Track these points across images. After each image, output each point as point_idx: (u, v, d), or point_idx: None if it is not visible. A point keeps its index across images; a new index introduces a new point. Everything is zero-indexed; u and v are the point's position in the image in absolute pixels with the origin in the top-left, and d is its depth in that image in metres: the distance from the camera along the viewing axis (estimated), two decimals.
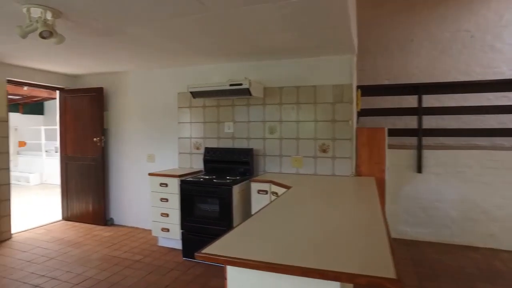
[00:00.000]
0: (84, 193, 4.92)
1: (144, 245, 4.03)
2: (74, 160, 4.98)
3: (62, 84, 4.98)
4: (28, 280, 3.15)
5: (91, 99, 4.82)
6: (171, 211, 3.78)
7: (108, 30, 2.80)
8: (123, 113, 4.79)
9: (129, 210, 4.80)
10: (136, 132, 4.70)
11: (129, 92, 4.74)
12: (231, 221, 3.35)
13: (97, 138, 4.75)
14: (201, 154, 4.21)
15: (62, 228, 4.74)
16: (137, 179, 4.70)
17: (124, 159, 4.80)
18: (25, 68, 4.41)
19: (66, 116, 5.05)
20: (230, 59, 3.88)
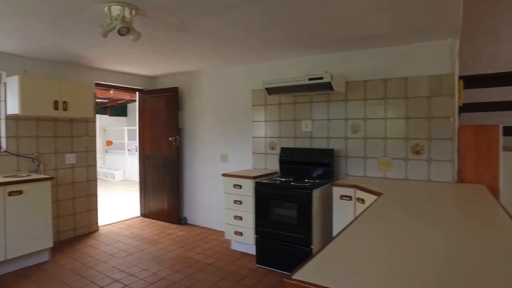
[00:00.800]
0: (160, 191, 5.03)
1: (216, 248, 3.92)
2: (151, 159, 5.13)
3: (141, 86, 5.16)
4: (110, 273, 3.22)
5: (166, 99, 4.91)
6: (244, 214, 3.61)
7: (182, 25, 2.71)
8: (196, 112, 4.79)
9: (202, 210, 4.78)
10: (209, 132, 4.65)
11: (202, 91, 4.71)
12: (310, 229, 3.04)
13: (172, 138, 4.81)
14: (277, 154, 3.97)
15: (140, 224, 4.90)
16: (210, 179, 4.64)
17: (197, 158, 4.80)
18: (109, 71, 4.64)
19: (144, 116, 5.23)
20: (307, 52, 3.58)
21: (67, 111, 3.79)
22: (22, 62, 3.75)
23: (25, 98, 3.45)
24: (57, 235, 4.06)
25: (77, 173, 4.29)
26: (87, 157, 4.41)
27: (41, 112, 3.58)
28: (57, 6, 2.34)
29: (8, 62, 3.66)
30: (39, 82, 3.57)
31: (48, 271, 3.28)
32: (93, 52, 3.61)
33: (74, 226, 4.27)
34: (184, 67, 4.46)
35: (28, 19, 2.59)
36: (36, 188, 3.34)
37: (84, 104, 3.96)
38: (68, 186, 4.20)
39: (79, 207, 4.32)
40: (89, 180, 4.44)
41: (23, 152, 3.78)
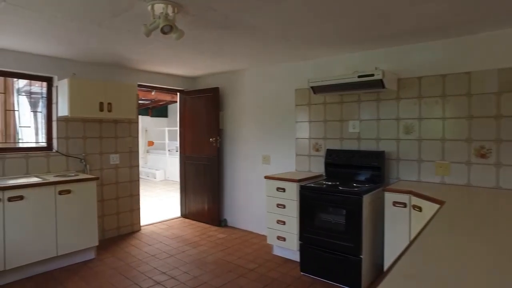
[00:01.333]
0: (200, 193, 5.01)
1: (258, 252, 3.80)
2: (191, 159, 5.13)
3: (182, 86, 5.17)
4: (151, 275, 3.20)
5: (207, 100, 4.87)
6: (288, 218, 3.45)
7: (225, 22, 2.61)
8: (237, 112, 4.70)
9: (243, 212, 4.68)
10: (250, 132, 4.55)
11: (243, 91, 4.62)
12: (359, 237, 2.82)
13: (213, 138, 4.76)
14: (321, 156, 3.77)
15: (181, 225, 4.90)
16: (251, 181, 4.53)
17: (238, 159, 4.71)
18: (151, 72, 4.69)
19: (185, 117, 5.24)
20: (355, 47, 3.35)
21: (112, 112, 3.85)
22: (71, 66, 3.87)
23: (74, 100, 3.54)
24: (102, 233, 4.14)
25: (120, 173, 4.36)
26: (130, 157, 4.48)
27: (88, 114, 3.66)
28: (103, 8, 2.33)
29: (59, 66, 3.78)
30: (86, 84, 3.65)
31: (95, 269, 3.33)
32: (136, 54, 3.63)
33: (117, 225, 4.35)
34: (225, 66, 4.40)
35: (76, 23, 2.62)
36: (83, 188, 3.41)
37: (127, 105, 4.01)
38: (112, 186, 4.28)
39: (122, 206, 4.39)
40: (132, 180, 4.51)
41: (71, 153, 3.89)
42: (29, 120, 3.97)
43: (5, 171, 3.43)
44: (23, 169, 3.54)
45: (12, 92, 4.11)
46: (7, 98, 4.08)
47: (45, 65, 3.70)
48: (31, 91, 3.92)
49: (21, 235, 3.00)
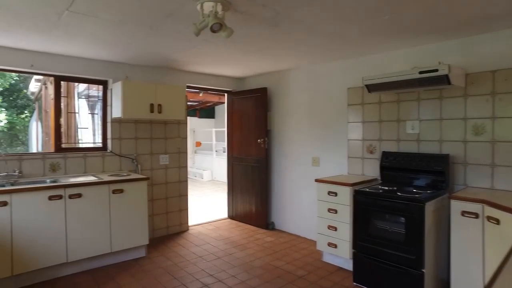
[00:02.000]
0: (248, 194, 4.95)
1: (307, 258, 3.64)
2: (239, 160, 5.09)
3: (230, 87, 5.16)
4: (199, 276, 3.19)
5: (255, 100, 4.81)
6: (340, 224, 3.26)
7: (275, 18, 2.51)
8: (286, 113, 4.58)
9: (291, 215, 4.54)
10: (299, 133, 4.40)
11: (292, 91, 4.48)
12: (421, 249, 2.55)
13: (261, 140, 4.68)
14: (376, 159, 3.52)
15: (228, 226, 4.88)
16: (300, 184, 4.38)
17: (286, 161, 4.58)
18: (199, 73, 4.72)
19: (232, 118, 5.22)
20: (415, 41, 3.07)
21: (161, 114, 3.91)
22: (125, 69, 4.01)
23: (126, 102, 3.64)
24: (152, 232, 4.24)
25: (170, 173, 4.44)
26: (179, 158, 4.54)
27: (139, 115, 3.76)
28: (154, 9, 2.34)
29: (114, 69, 3.93)
30: (138, 86, 3.75)
31: (144, 267, 3.39)
32: (185, 55, 3.65)
33: (166, 225, 4.43)
34: (273, 66, 4.30)
35: (129, 26, 2.67)
36: (135, 188, 3.49)
37: (176, 106, 4.06)
38: (162, 186, 4.37)
39: (171, 206, 4.47)
40: (181, 180, 4.57)
41: (124, 153, 4.02)
42: (88, 121, 4.18)
43: (67, 169, 3.62)
44: (82, 168, 3.72)
45: (73, 96, 4.36)
46: (69, 101, 4.34)
47: (101, 69, 3.86)
48: (89, 94, 4.13)
49: (79, 231, 3.13)
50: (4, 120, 7.36)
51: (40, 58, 3.46)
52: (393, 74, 2.94)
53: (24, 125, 7.70)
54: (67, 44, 3.19)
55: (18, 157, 3.37)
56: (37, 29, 2.76)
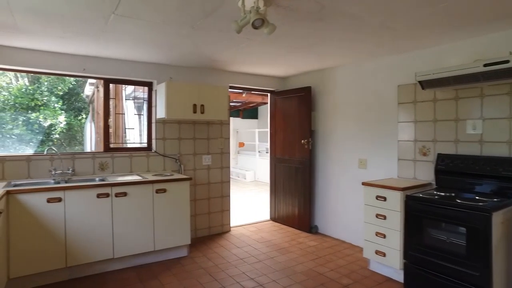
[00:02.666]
0: (291, 196, 4.83)
1: (352, 266, 3.44)
2: (282, 162, 4.98)
3: (273, 87, 5.07)
4: (239, 279, 3.13)
5: (298, 100, 4.67)
6: (389, 232, 3.02)
7: (320, 12, 2.37)
8: (330, 113, 4.39)
9: (335, 219, 4.35)
10: (345, 134, 4.19)
11: (337, 89, 4.29)
12: (487, 265, 2.26)
13: (304, 140, 4.54)
14: (430, 162, 3.23)
15: (270, 229, 4.79)
16: (345, 186, 4.17)
17: (331, 163, 4.39)
18: (242, 73, 4.69)
19: (275, 118, 5.13)
20: (477, 31, 2.76)
21: (204, 114, 3.92)
22: (168, 71, 4.08)
23: (170, 103, 3.70)
24: (194, 232, 4.28)
25: (212, 174, 4.45)
26: (221, 158, 4.54)
27: (182, 116, 3.79)
28: (195, 8, 2.32)
29: (158, 71, 4.02)
30: (181, 87, 3.78)
31: (186, 267, 3.40)
32: (227, 55, 3.63)
33: (208, 225, 4.44)
34: (318, 64, 4.14)
35: (172, 27, 2.69)
36: (177, 187, 3.52)
37: (219, 107, 4.05)
38: (204, 186, 4.39)
39: (213, 207, 4.48)
40: (223, 181, 4.56)
41: (168, 153, 4.09)
42: (134, 122, 4.32)
43: (114, 168, 3.76)
44: (128, 167, 3.84)
45: (121, 98, 4.53)
46: (117, 103, 4.51)
47: (146, 71, 3.96)
48: (135, 96, 4.27)
49: (125, 229, 3.22)
50: (64, 122, 7.89)
51: (91, 62, 3.62)
52: (452, 68, 2.66)
53: (80, 126, 8.22)
54: (114, 48, 3.30)
55: (71, 156, 3.56)
56: (87, 34, 2.88)
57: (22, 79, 7.98)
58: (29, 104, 7.96)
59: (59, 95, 7.12)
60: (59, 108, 7.30)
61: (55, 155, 3.43)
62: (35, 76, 8.35)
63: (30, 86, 7.77)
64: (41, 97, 8.02)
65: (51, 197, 2.88)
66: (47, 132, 8.10)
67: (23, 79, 8.04)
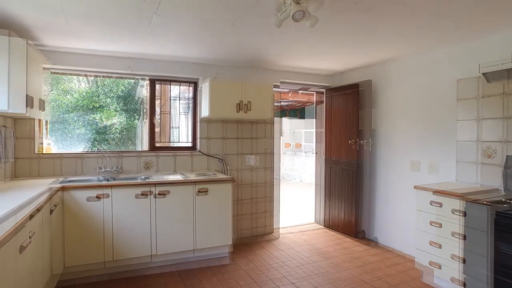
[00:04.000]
0: (337, 199, 4.61)
1: (402, 276, 3.17)
2: (330, 163, 4.78)
3: (325, 83, 4.88)
4: (280, 283, 3.03)
5: (346, 98, 4.45)
6: (445, 241, 2.73)
7: (367, 1, 2.19)
8: (381, 110, 4.12)
9: (384, 225, 4.06)
10: (396, 133, 3.90)
11: (388, 85, 4.01)
12: None
13: (351, 140, 4.31)
14: (496, 165, 2.86)
15: (314, 232, 4.62)
16: (396, 190, 3.88)
17: (380, 164, 4.12)
18: (287, 72, 4.57)
19: (322, 117, 4.94)
20: None
21: (248, 113, 3.88)
22: (213, 69, 4.10)
23: (214, 101, 3.70)
24: (237, 233, 4.25)
25: (256, 174, 4.39)
26: (266, 159, 4.46)
27: (226, 115, 3.78)
28: (234, 4, 2.27)
29: (202, 70, 4.06)
30: (225, 85, 3.78)
31: (226, 267, 3.38)
32: (270, 50, 3.54)
33: (251, 226, 4.39)
34: (366, 59, 3.90)
35: (212, 24, 2.67)
36: (219, 188, 3.51)
37: (263, 105, 3.98)
38: (248, 187, 4.35)
39: (257, 208, 4.42)
40: (267, 182, 4.48)
41: (212, 153, 4.11)
42: (180, 122, 4.40)
43: (159, 167, 3.86)
44: (171, 166, 3.92)
45: (168, 97, 4.65)
46: (164, 102, 4.65)
47: (191, 70, 4.02)
48: (183, 96, 4.35)
49: (167, 227, 3.27)
50: (118, 123, 8.33)
51: (137, 61, 3.76)
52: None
53: (134, 126, 8.63)
54: (158, 47, 3.38)
55: (118, 154, 3.71)
56: (133, 36, 2.97)
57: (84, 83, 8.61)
58: (89, 106, 8.49)
59: (114, 97, 7.55)
60: (113, 109, 7.74)
61: (105, 154, 3.60)
62: (94, 80, 8.87)
63: (89, 90, 8.33)
64: (98, 99, 8.54)
65: (99, 193, 3.00)
66: (103, 132, 8.62)
67: (85, 83, 8.69)
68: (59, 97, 6.35)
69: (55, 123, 5.38)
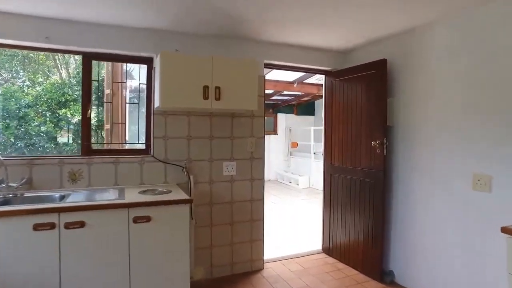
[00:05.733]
0: (353, 222, 3.30)
1: None
2: (340, 172, 3.47)
3: (327, 65, 3.56)
4: None
5: (367, 81, 3.12)
6: None
7: None
8: (417, 99, 2.78)
9: (424, 266, 2.72)
10: (444, 131, 2.56)
11: (426, 63, 2.66)
12: None
13: (376, 142, 2.99)
14: None
15: (321, 268, 3.31)
16: (446, 217, 2.54)
17: (418, 176, 2.78)
18: (281, 45, 3.27)
19: (332, 109, 3.62)
20: None
21: (221, 101, 2.61)
22: (175, 40, 2.86)
23: (167, 84, 2.46)
24: (209, 271, 3.00)
25: (238, 188, 3.13)
26: (252, 166, 3.19)
27: (186, 103, 2.53)
28: None
29: (160, 41, 2.81)
30: (184, 61, 2.52)
31: None
32: (256, 11, 2.27)
33: (231, 261, 3.12)
34: (394, 23, 2.57)
35: None
36: (170, 213, 2.26)
37: (245, 90, 2.71)
38: (225, 206, 3.08)
39: (238, 235, 3.15)
40: (254, 199, 3.21)
41: (171, 158, 2.86)
42: (129, 115, 3.18)
43: (92, 179, 2.63)
44: (111, 179, 2.69)
45: (122, 83, 3.43)
46: (115, 91, 3.42)
47: (142, 41, 2.78)
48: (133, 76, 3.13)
49: (83, 275, 2.05)
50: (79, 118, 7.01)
51: (59, 29, 2.52)
52: None
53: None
54: (90, 9, 2.20)
55: (27, 161, 2.49)
56: None
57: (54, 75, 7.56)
58: (59, 99, 7.32)
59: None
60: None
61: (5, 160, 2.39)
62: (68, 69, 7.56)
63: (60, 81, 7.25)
64: (71, 91, 7.35)
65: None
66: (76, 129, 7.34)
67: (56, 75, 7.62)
68: None
69: None
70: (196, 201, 2.93)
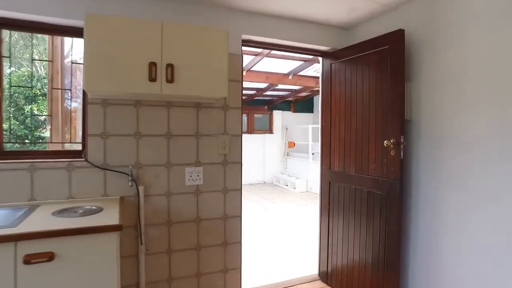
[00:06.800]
0: (359, 244, 2.55)
1: None
2: (342, 180, 2.72)
3: (326, 44, 2.82)
4: None
5: (377, 61, 2.38)
6: None
7: None
8: (447, 84, 2.03)
9: None
10: (488, 127, 1.81)
11: (464, 32, 1.92)
12: None
13: (389, 141, 2.23)
14: None
15: None
16: (492, 240, 1.80)
17: (451, 188, 2.03)
18: (266, 15, 2.54)
19: (330, 100, 2.87)
20: None
21: (174, 84, 1.88)
22: (116, 4, 2.11)
23: (92, 60, 1.72)
24: None
25: (205, 202, 2.38)
26: (225, 173, 2.44)
27: (122, 87, 1.79)
28: None
29: (96, 3, 2.07)
30: (120, 27, 1.78)
31: None
32: None
33: None
34: None
35: None
36: (88, 247, 1.52)
37: (210, 71, 1.98)
38: (189, 225, 2.34)
39: (208, 263, 2.40)
40: (228, 216, 2.46)
41: (112, 163, 2.12)
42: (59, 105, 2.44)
43: None
44: (25, 192, 1.95)
45: (62, 60, 2.69)
46: (54, 74, 2.67)
47: (75, 5, 2.03)
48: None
49: None
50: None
51: None
52: None
53: None
54: None
55: None
56: None
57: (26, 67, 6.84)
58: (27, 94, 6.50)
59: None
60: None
61: None
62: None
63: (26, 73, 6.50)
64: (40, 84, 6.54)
65: None
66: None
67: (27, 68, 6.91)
68: None
69: None
70: (149, 220, 2.19)
